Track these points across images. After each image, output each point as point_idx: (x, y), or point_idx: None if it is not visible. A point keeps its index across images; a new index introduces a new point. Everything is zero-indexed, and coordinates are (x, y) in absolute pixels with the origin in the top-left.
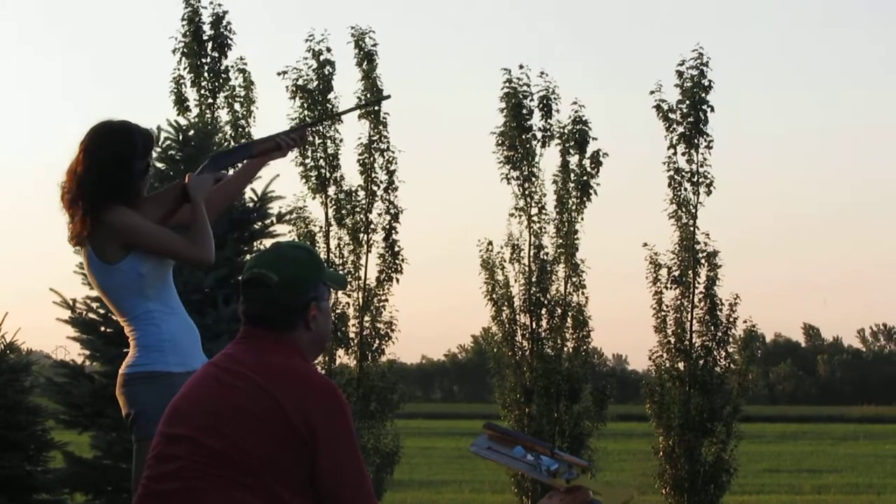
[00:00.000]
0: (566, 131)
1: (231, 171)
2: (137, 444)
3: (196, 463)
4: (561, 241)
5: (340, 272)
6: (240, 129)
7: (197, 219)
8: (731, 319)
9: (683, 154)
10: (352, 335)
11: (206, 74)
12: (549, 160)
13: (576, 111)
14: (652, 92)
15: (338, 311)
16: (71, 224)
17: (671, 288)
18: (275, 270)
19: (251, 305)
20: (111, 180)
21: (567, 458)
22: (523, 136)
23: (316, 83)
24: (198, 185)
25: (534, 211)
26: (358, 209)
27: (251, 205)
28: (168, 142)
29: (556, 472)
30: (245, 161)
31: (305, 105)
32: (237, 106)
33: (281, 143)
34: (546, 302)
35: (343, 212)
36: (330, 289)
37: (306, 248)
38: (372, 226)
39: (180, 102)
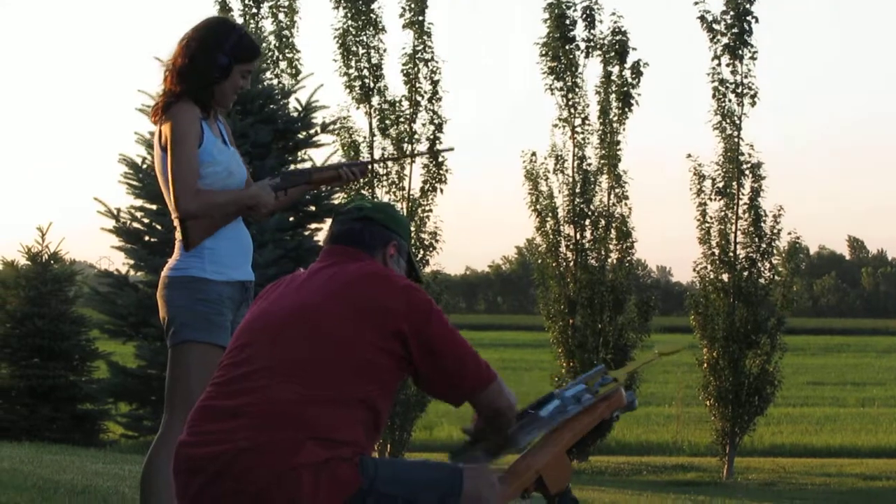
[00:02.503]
0: (607, 42)
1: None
2: (171, 349)
3: (277, 362)
4: (604, 151)
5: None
6: (283, 39)
7: (220, 204)
8: (775, 231)
9: (728, 65)
10: None
11: None
12: (591, 71)
13: (615, 21)
14: (696, 3)
15: None
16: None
17: (715, 199)
18: (370, 202)
19: (341, 225)
20: (189, 64)
21: (583, 381)
22: (566, 47)
23: None
24: (259, 190)
25: (577, 122)
26: (402, 119)
27: (295, 114)
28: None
29: (591, 390)
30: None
31: (349, 15)
32: (281, 16)
33: (343, 174)
34: (590, 213)
35: (387, 122)
36: (406, 257)
37: (403, 215)
38: (416, 136)
39: (225, 13)
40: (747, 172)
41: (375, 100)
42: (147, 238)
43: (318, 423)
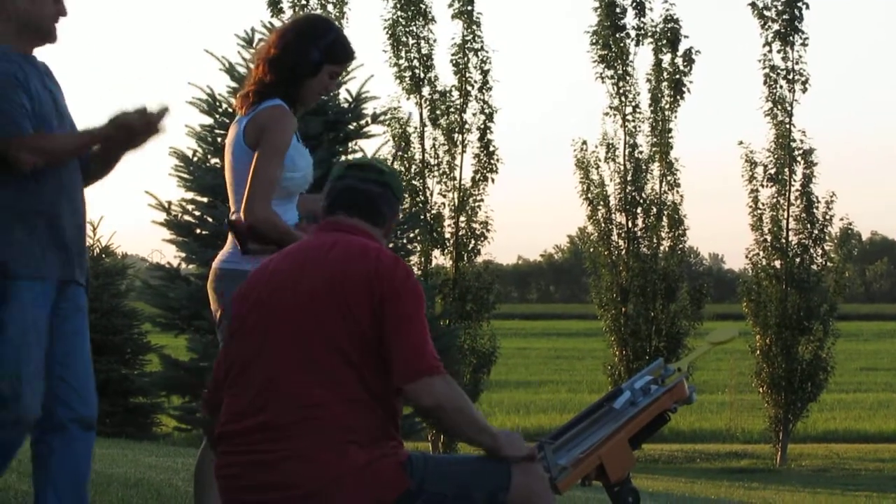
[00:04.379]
0: (658, 30)
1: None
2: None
3: (284, 365)
4: (655, 139)
5: None
6: None
7: (280, 231)
8: (828, 217)
9: (779, 52)
10: (447, 235)
11: None
12: (642, 59)
13: (667, 9)
14: None
15: (433, 211)
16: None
17: (767, 186)
18: (386, 166)
19: (352, 184)
20: (282, 55)
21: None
22: (617, 35)
23: None
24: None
25: (628, 110)
26: (452, 109)
27: (346, 105)
28: (262, 43)
29: (657, 381)
30: None
31: (398, 5)
32: (330, 7)
33: None
34: (641, 201)
35: (437, 112)
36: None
37: None
38: (467, 126)
39: (274, 4)
40: (799, 159)
41: (426, 90)
42: (198, 231)
43: (351, 424)
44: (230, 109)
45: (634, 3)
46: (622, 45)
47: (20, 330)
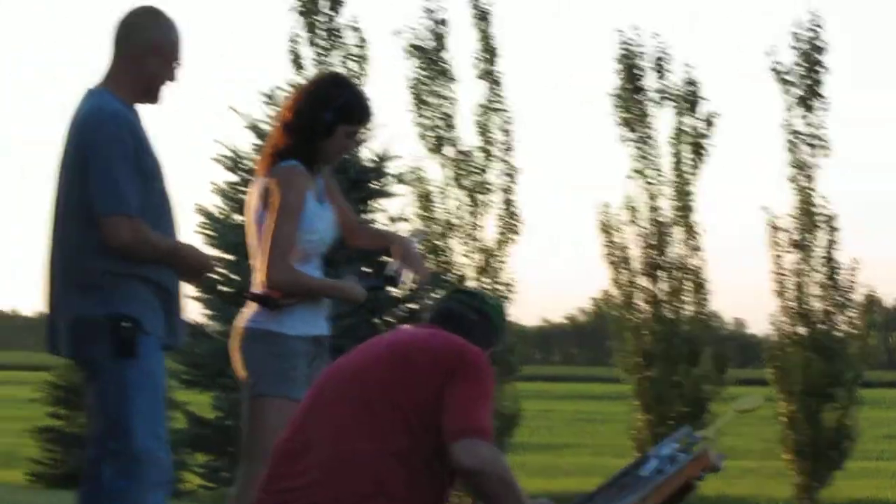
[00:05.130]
0: (678, 92)
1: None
2: (247, 402)
3: (339, 422)
4: (677, 203)
5: None
6: None
7: (309, 287)
8: (851, 284)
9: (802, 117)
10: None
11: (321, 33)
12: (663, 122)
13: (687, 72)
14: (768, 54)
15: (457, 272)
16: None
17: (790, 252)
18: (494, 301)
19: (456, 304)
20: (295, 119)
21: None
22: (638, 98)
23: (431, 43)
24: (353, 288)
25: (650, 173)
26: (475, 170)
27: (369, 164)
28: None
29: (684, 449)
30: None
31: (421, 65)
32: (352, 65)
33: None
34: (664, 264)
35: (461, 172)
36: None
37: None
38: (490, 186)
39: (297, 62)
40: (822, 225)
41: (449, 150)
42: (223, 288)
43: (388, 479)
44: (253, 167)
45: (655, 66)
46: (643, 107)
47: (155, 386)
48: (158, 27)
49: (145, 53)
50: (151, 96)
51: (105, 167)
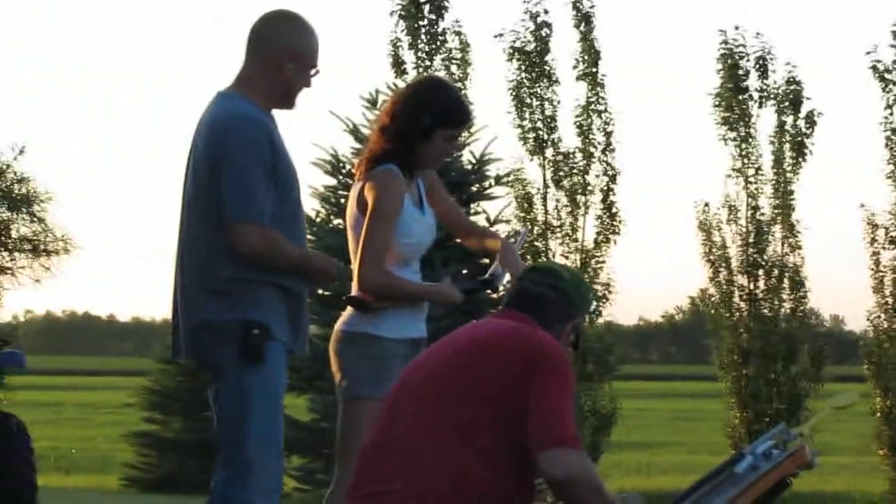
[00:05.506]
0: (781, 91)
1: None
2: (342, 405)
3: (420, 422)
4: (778, 201)
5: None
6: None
7: (405, 292)
8: None
9: None
10: None
11: (423, 37)
12: (764, 121)
13: (790, 71)
14: (868, 53)
15: None
16: None
17: (888, 248)
18: (569, 273)
19: (532, 284)
20: (392, 124)
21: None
22: (740, 97)
23: (533, 45)
24: (449, 291)
25: (750, 172)
26: (576, 171)
27: (469, 167)
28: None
29: (779, 445)
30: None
31: (523, 67)
32: (454, 68)
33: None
34: (763, 263)
35: (561, 173)
36: (577, 336)
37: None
38: (590, 187)
39: (398, 65)
40: None
41: (549, 151)
42: (320, 291)
43: (472, 475)
44: (353, 171)
45: (757, 66)
46: (745, 107)
47: (276, 392)
48: (297, 32)
49: (283, 59)
50: (288, 102)
51: (239, 172)
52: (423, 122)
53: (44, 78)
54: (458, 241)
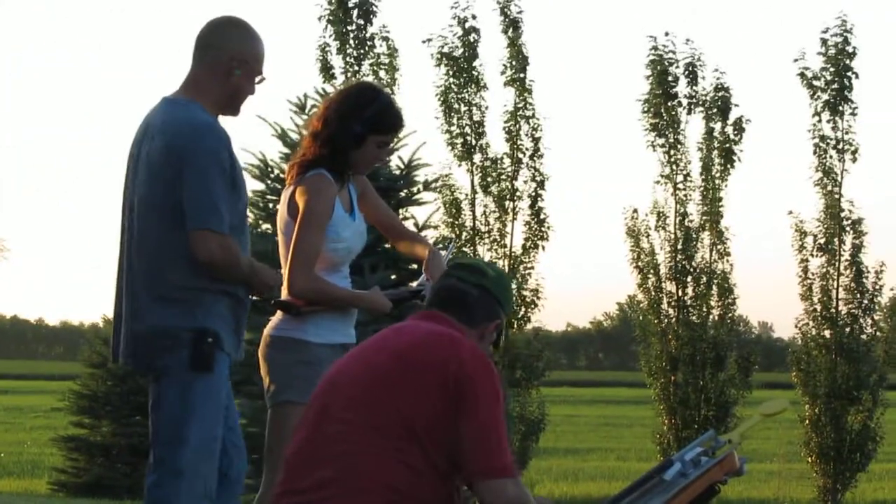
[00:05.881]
0: (709, 98)
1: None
2: (271, 409)
3: (350, 430)
4: (706, 208)
5: None
6: None
7: (334, 297)
8: (878, 287)
9: (829, 122)
10: None
11: (351, 42)
12: (693, 127)
13: (718, 78)
14: (795, 60)
15: None
16: None
17: (817, 256)
18: (494, 271)
19: (451, 284)
20: (324, 130)
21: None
22: (668, 104)
23: (461, 51)
24: (378, 299)
25: (679, 178)
26: (504, 177)
27: (398, 172)
28: (315, 109)
29: (707, 452)
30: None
31: (450, 72)
32: (382, 73)
33: None
34: (692, 269)
35: (489, 179)
36: (498, 335)
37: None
38: (518, 193)
39: (326, 70)
40: (848, 229)
41: (477, 157)
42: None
43: (406, 484)
44: (282, 176)
45: (686, 72)
46: (674, 113)
47: (218, 402)
48: (245, 39)
49: (231, 65)
50: (234, 109)
51: (202, 181)
52: (355, 128)
53: None
54: (390, 245)
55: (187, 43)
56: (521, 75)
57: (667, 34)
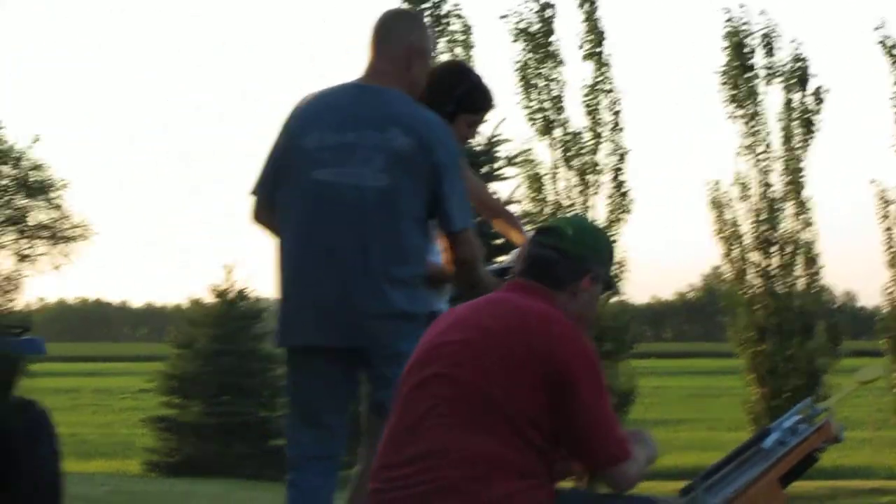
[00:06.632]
0: (787, 69)
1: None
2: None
3: (447, 401)
4: (788, 178)
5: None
6: None
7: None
8: None
9: None
10: None
11: (425, 20)
12: (772, 98)
13: (795, 48)
14: (876, 28)
15: None
16: None
17: None
18: (572, 227)
19: (533, 251)
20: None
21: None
22: (746, 75)
23: (538, 26)
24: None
25: (760, 149)
26: (585, 151)
27: (479, 148)
28: None
29: (806, 420)
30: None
31: (528, 49)
32: (458, 50)
33: None
34: (776, 239)
35: (570, 154)
36: (604, 282)
37: (607, 235)
38: (599, 167)
39: None
40: None
41: (557, 132)
42: None
43: (502, 457)
44: None
45: (763, 44)
46: (752, 84)
47: None
48: (423, 31)
49: (413, 56)
50: None
51: (459, 181)
52: (446, 107)
53: (55, 68)
54: (481, 218)
55: (186, 41)
56: (599, 49)
57: (741, 6)
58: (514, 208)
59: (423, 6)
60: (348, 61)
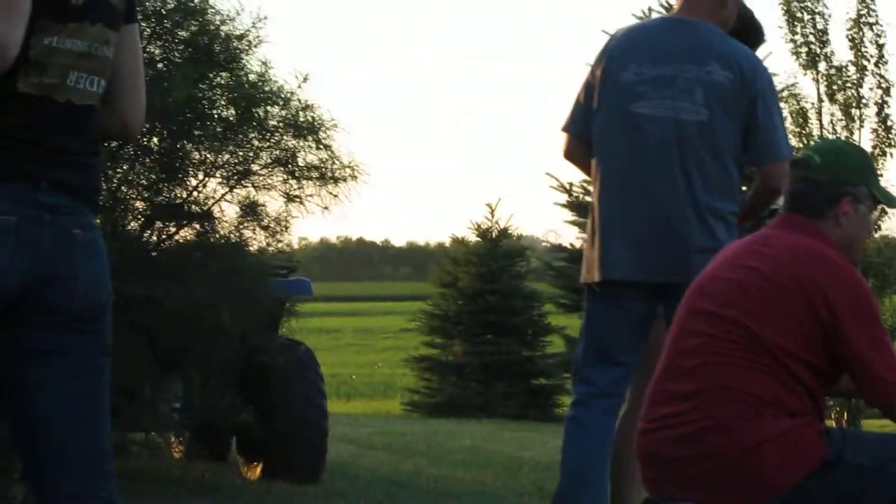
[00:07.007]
0: None
1: None
2: None
3: (717, 339)
4: None
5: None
6: None
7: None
8: None
9: None
10: None
11: None
12: None
13: None
14: None
15: None
16: None
17: None
18: (820, 154)
19: (791, 186)
20: None
21: None
22: None
23: None
24: None
25: None
26: (849, 84)
27: None
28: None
29: None
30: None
31: None
32: None
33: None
34: None
35: (834, 87)
36: (875, 200)
37: (862, 150)
38: (864, 101)
39: None
40: None
41: (822, 66)
42: None
43: (772, 395)
44: None
45: None
46: None
47: None
48: None
49: None
50: None
51: (779, 112)
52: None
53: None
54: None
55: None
56: None
57: None
58: None
59: None
60: None
